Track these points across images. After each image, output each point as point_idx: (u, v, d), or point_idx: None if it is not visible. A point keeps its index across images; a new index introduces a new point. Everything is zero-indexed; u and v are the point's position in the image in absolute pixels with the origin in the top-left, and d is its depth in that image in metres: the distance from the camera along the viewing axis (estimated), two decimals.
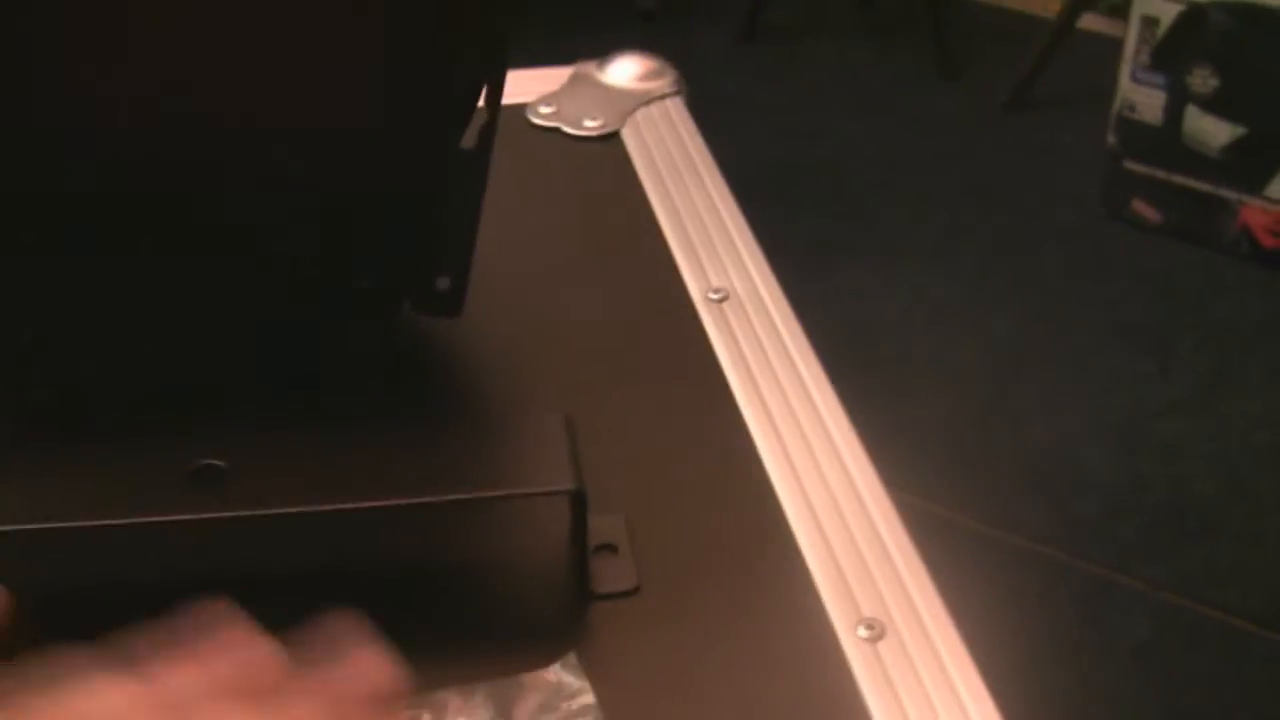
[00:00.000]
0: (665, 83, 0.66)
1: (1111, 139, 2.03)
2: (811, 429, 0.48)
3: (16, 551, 0.39)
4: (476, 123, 0.43)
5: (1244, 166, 1.92)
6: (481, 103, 0.43)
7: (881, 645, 0.41)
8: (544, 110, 0.64)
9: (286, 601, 0.33)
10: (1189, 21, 1.89)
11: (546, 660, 0.39)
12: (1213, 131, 1.93)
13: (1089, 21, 2.29)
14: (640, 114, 0.65)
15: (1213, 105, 1.91)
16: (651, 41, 0.69)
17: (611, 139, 0.63)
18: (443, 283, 0.45)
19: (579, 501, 0.40)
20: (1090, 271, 1.96)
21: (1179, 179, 1.98)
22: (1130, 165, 2.02)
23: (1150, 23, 1.93)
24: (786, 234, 1.92)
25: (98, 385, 0.45)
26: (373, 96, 0.41)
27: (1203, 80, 1.91)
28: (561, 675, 0.39)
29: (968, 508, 1.52)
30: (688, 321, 0.53)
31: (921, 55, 2.39)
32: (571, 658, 0.39)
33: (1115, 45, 2.13)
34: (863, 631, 0.42)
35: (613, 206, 0.58)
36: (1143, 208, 2.02)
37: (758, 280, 0.55)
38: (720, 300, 0.54)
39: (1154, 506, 1.58)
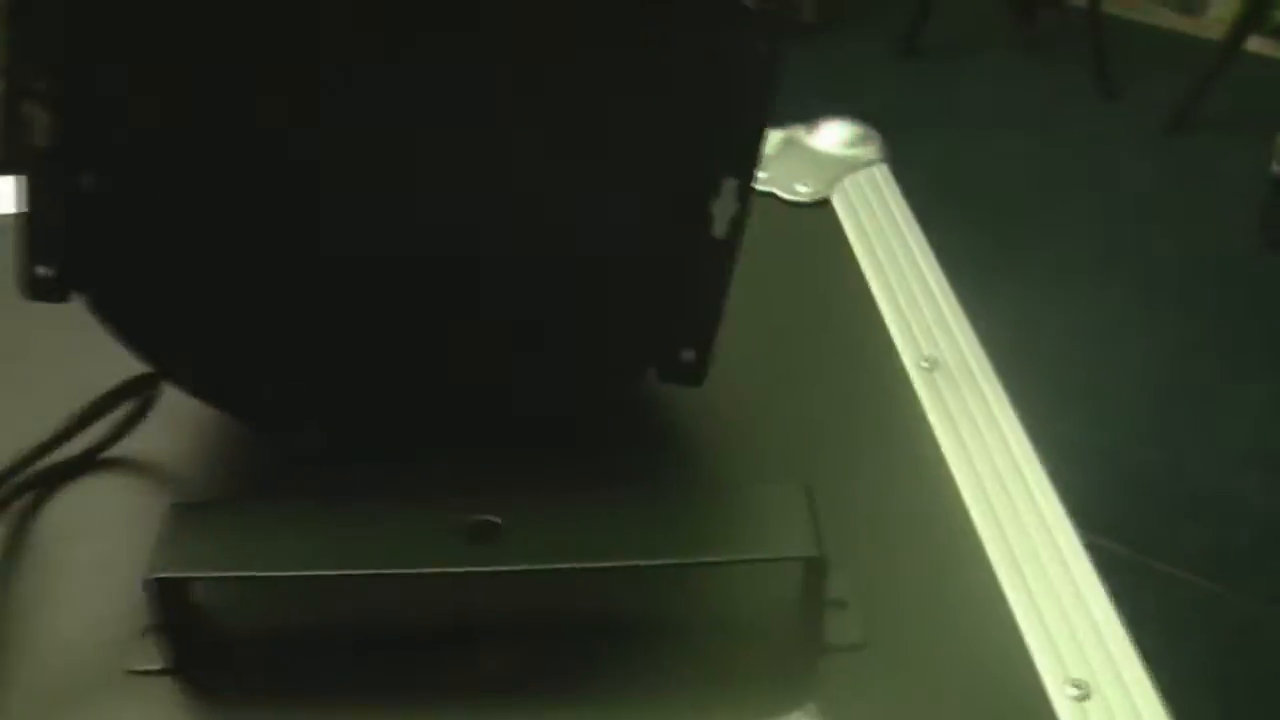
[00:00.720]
0: (872, 150, 0.71)
1: (1275, 167, 2.02)
2: (1018, 495, 0.52)
3: (304, 595, 0.45)
4: (728, 212, 0.48)
5: None
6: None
7: (1089, 704, 0.46)
8: (759, 174, 0.69)
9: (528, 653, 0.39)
10: None
11: (784, 711, 0.44)
12: None
13: (1254, 44, 2.28)
14: (849, 180, 0.69)
15: None
16: (812, 54, 0.73)
17: (823, 205, 0.68)
18: (688, 355, 0.50)
19: (820, 566, 0.45)
20: (1248, 300, 1.96)
21: None
22: None
23: None
24: (942, 252, 1.94)
25: (362, 440, 0.51)
26: (641, 203, 0.47)
27: None
28: None
29: (1121, 534, 1.54)
30: (901, 388, 0.57)
31: (1082, 74, 2.39)
32: (812, 707, 0.44)
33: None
34: (1071, 691, 0.46)
35: (826, 273, 0.63)
36: None
37: (965, 349, 0.59)
38: (930, 369, 0.58)
39: None
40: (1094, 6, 2.34)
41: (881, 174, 0.70)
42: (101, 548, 0.49)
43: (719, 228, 0.48)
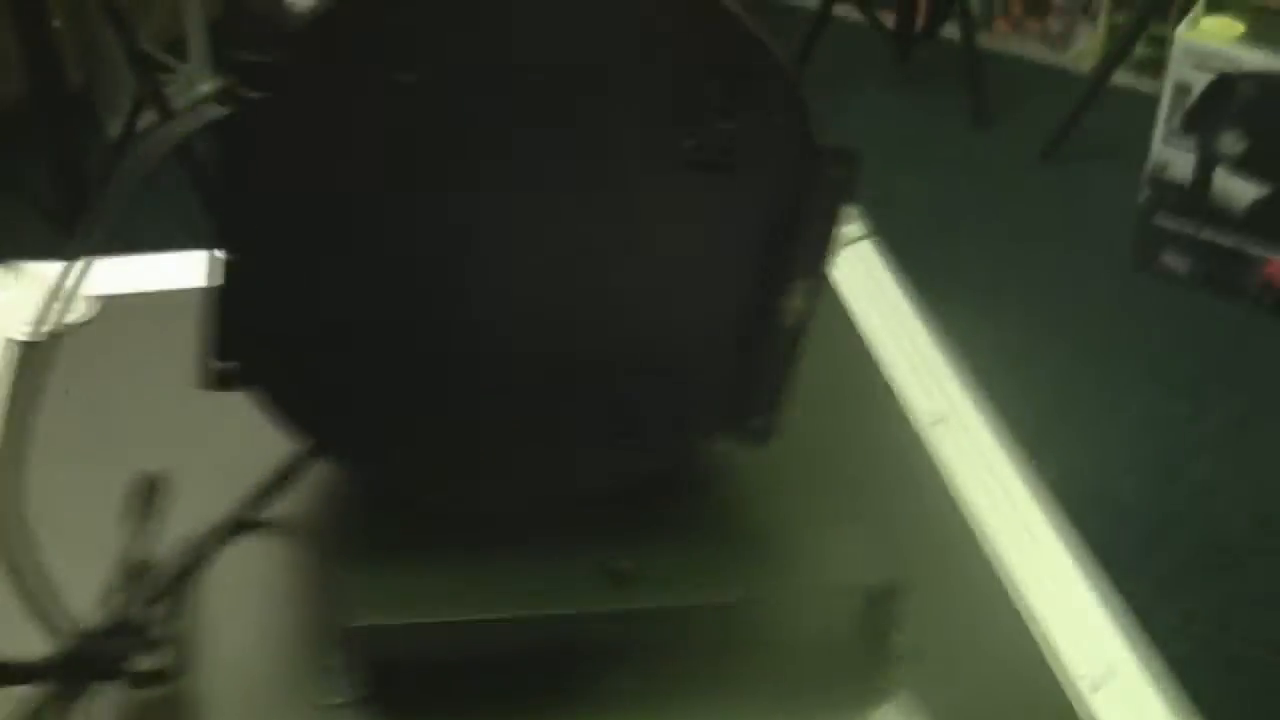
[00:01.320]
0: (860, 226, 0.82)
1: (1143, 194, 2.19)
2: (1042, 537, 0.64)
3: (454, 638, 0.54)
4: (794, 307, 0.59)
5: (1269, 223, 2.08)
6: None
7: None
8: None
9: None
10: (1218, 90, 2.05)
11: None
12: (1240, 190, 2.09)
13: (1120, 77, 2.44)
14: (841, 256, 0.80)
15: (1240, 166, 2.07)
16: None
17: None
18: (759, 422, 0.61)
19: (894, 593, 0.56)
20: (1122, 320, 2.12)
21: (1207, 234, 2.14)
22: (1161, 221, 2.17)
23: (1182, 90, 2.09)
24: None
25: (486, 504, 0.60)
26: (727, 302, 0.57)
27: (1231, 143, 2.07)
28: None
29: None
30: (911, 443, 0.68)
31: (957, 105, 2.54)
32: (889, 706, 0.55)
33: (1144, 100, 2.29)
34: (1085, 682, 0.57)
35: (831, 345, 0.74)
36: (1172, 261, 2.18)
37: (969, 404, 0.71)
38: (936, 423, 0.70)
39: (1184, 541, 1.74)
40: (968, 40, 2.49)
41: (869, 250, 0.81)
42: (270, 597, 0.58)
43: (789, 320, 0.58)
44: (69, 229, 1.76)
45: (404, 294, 0.55)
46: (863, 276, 0.79)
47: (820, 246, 0.57)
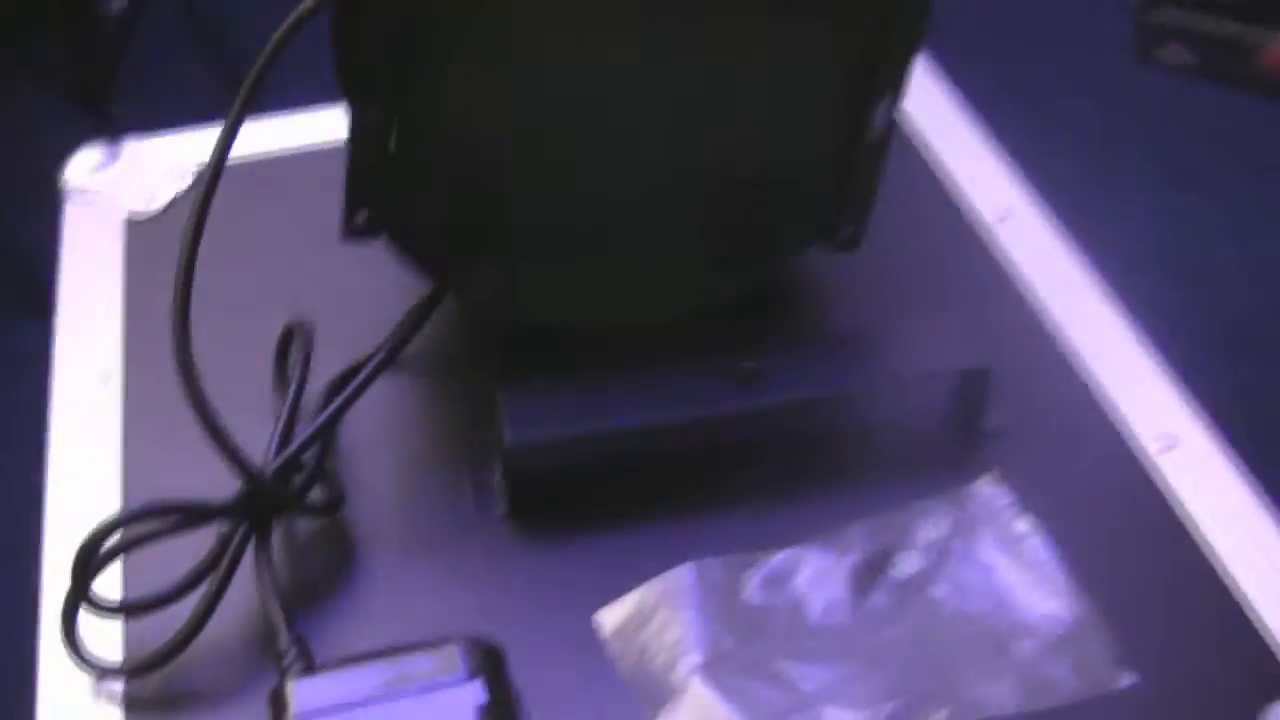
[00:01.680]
0: None
1: None
2: (1100, 315, 0.69)
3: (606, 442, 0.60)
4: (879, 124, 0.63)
5: (1264, 10, 2.10)
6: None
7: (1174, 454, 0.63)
8: None
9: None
10: None
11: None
12: None
13: None
14: None
15: None
16: None
17: None
18: (847, 231, 0.66)
19: (987, 377, 0.61)
20: (1126, 114, 2.15)
21: (1205, 25, 2.16)
22: (1158, 16, 2.20)
23: None
24: None
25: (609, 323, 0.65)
26: (822, 117, 0.61)
27: None
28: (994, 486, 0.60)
29: None
30: (981, 242, 0.73)
31: None
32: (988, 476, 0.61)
33: None
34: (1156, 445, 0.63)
35: (893, 158, 0.78)
36: (1172, 54, 2.21)
37: (1025, 203, 0.76)
38: (1001, 220, 0.74)
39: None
40: None
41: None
42: (419, 426, 0.64)
43: (873, 134, 0.63)
44: (93, 105, 1.79)
45: (530, 132, 0.59)
46: (913, 88, 0.83)
47: (901, 68, 0.61)
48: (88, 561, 0.52)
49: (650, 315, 0.65)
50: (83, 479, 0.62)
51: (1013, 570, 0.57)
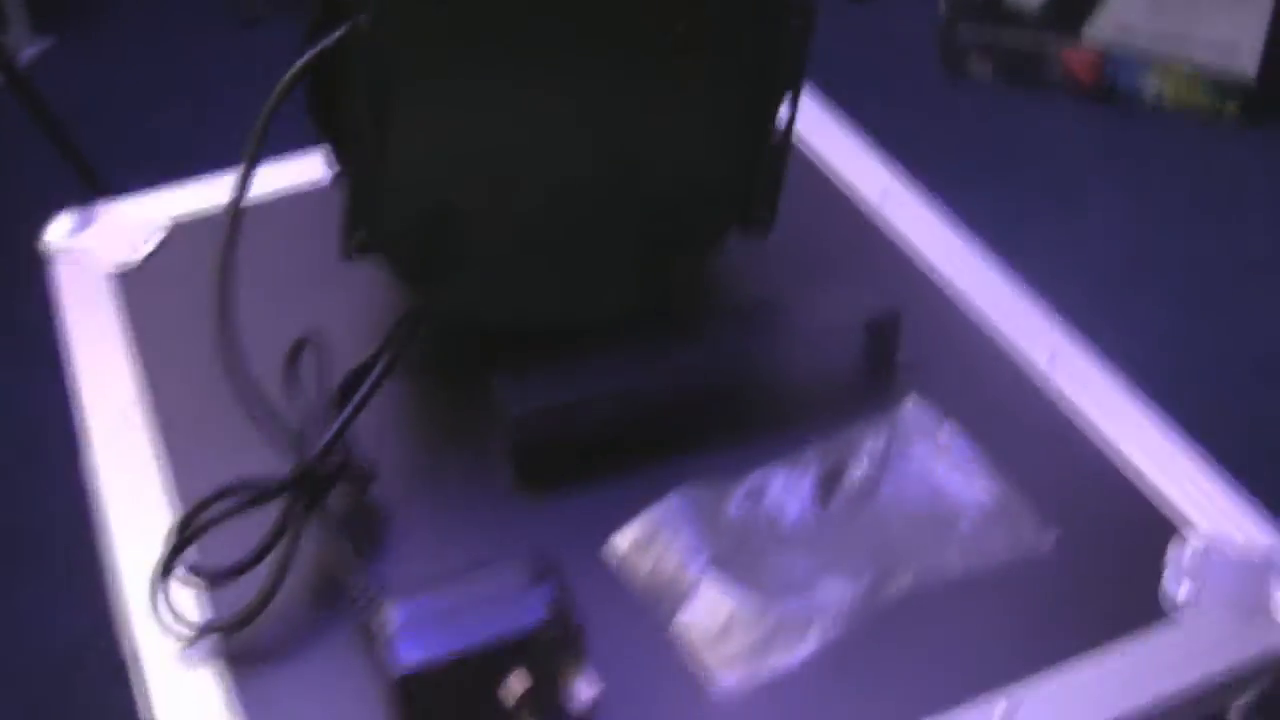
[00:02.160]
0: None
1: (943, 10, 2.39)
2: (971, 263, 0.82)
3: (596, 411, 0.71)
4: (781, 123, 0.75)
5: (1059, 19, 2.31)
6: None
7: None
8: None
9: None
10: None
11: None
12: None
13: None
14: None
15: None
16: None
17: None
18: (760, 217, 0.77)
19: (893, 320, 0.74)
20: (941, 129, 2.33)
21: (1007, 38, 2.36)
22: (963, 32, 2.39)
23: None
24: None
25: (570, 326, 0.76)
26: (736, 123, 0.73)
27: None
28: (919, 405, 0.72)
29: None
30: (868, 220, 0.86)
31: None
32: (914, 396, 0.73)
33: None
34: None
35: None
36: (978, 68, 2.40)
37: (898, 185, 0.89)
38: (883, 201, 0.87)
39: None
40: None
41: None
42: (430, 411, 0.74)
43: (777, 136, 0.75)
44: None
45: (498, 160, 0.70)
46: None
47: (795, 74, 0.74)
48: (183, 535, 0.61)
49: (600, 314, 0.76)
50: (131, 489, 0.71)
51: (943, 467, 0.69)
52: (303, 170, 0.93)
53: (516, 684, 0.57)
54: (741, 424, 0.73)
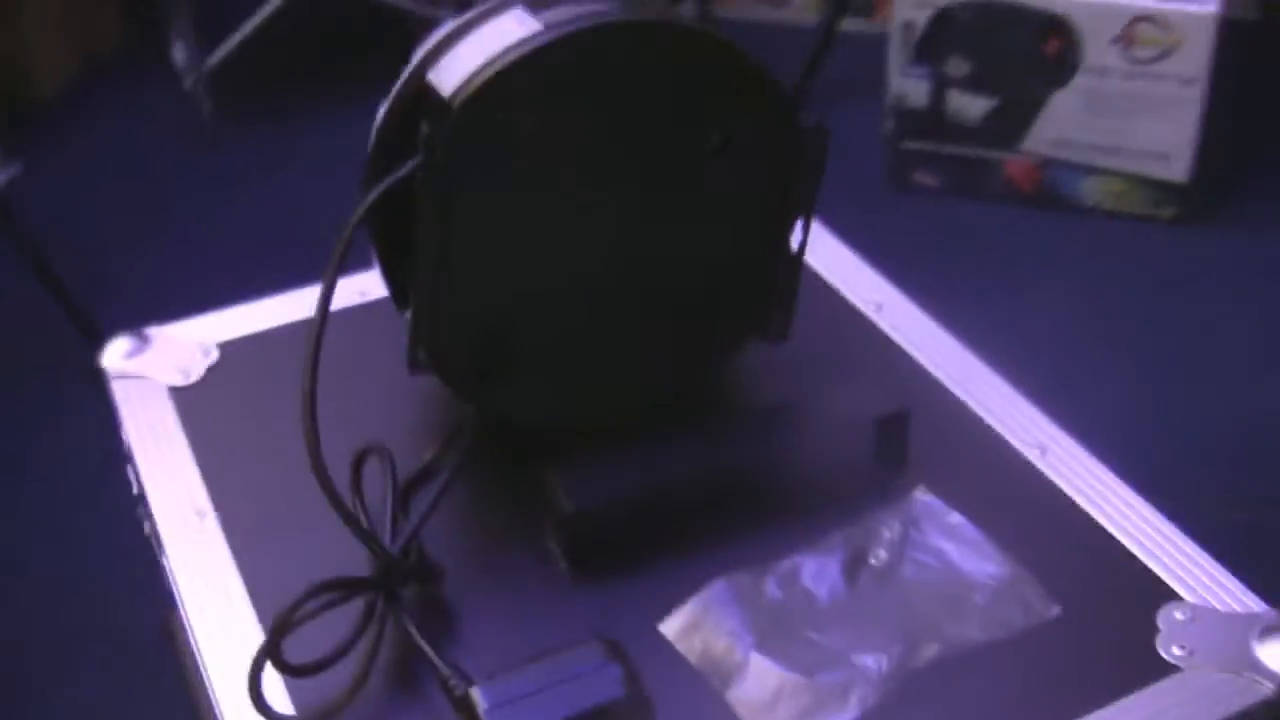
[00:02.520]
0: None
1: (888, 124, 2.51)
2: (969, 363, 0.90)
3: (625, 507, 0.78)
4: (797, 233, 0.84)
5: (1000, 130, 2.43)
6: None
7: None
8: None
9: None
10: (940, 22, 2.39)
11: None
12: (972, 106, 2.43)
13: (845, 24, 2.76)
14: None
15: (969, 85, 2.42)
16: None
17: None
18: (777, 326, 0.86)
19: (902, 415, 0.82)
20: (888, 236, 2.44)
21: (950, 149, 2.48)
22: (907, 144, 2.51)
23: (909, 26, 2.42)
24: None
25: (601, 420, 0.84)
26: (758, 240, 0.82)
27: (958, 66, 2.41)
28: (926, 496, 0.80)
29: None
30: (869, 324, 0.94)
31: None
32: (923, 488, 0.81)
33: (873, 40, 2.61)
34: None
35: None
36: (923, 177, 2.52)
37: (893, 293, 0.97)
38: (878, 310, 0.96)
39: None
40: (706, 10, 2.79)
41: None
42: (490, 512, 0.81)
43: (792, 249, 0.83)
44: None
45: (546, 277, 0.78)
46: None
47: (810, 194, 0.82)
48: (281, 630, 0.68)
49: (634, 412, 0.84)
50: (209, 590, 0.77)
51: (956, 549, 0.77)
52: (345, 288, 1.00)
53: None
54: (769, 512, 0.80)
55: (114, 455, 0.92)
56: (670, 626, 0.74)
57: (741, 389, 0.89)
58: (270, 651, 0.68)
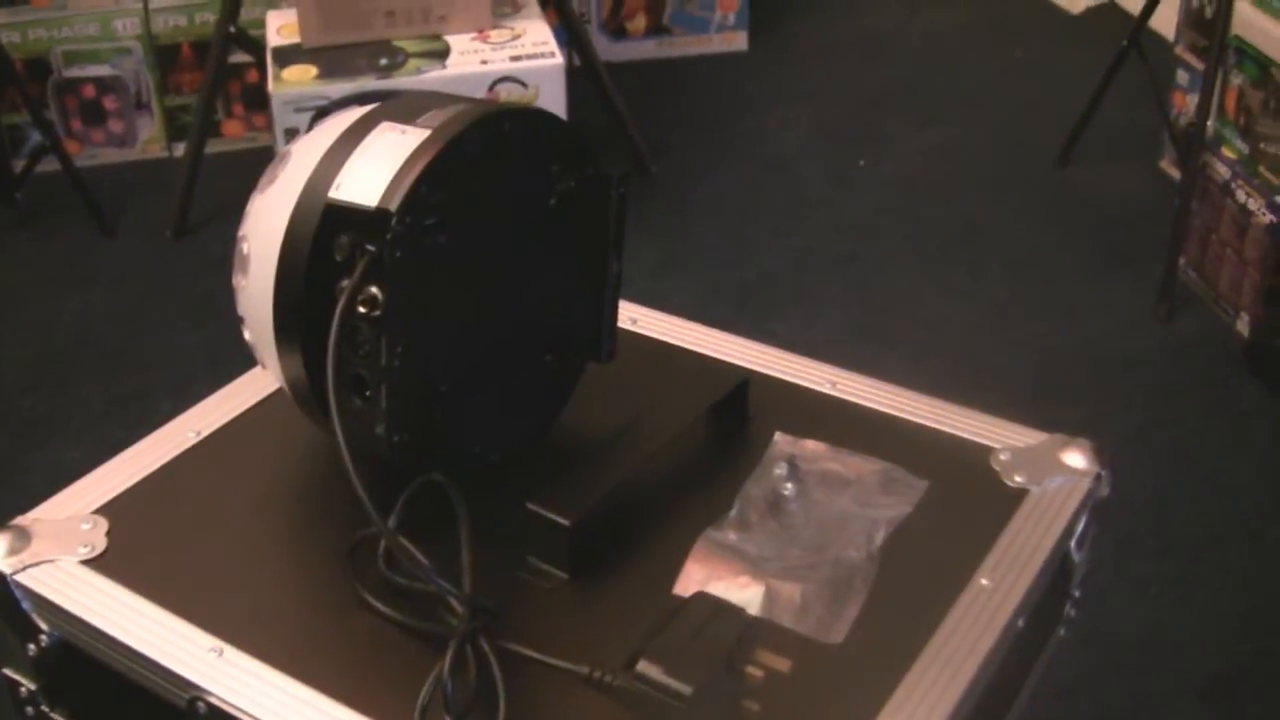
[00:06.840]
0: None
1: None
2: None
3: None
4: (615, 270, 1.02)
5: None
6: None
7: None
8: None
9: None
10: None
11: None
12: None
13: (210, 145, 2.84)
14: None
15: None
16: None
17: None
18: (607, 348, 1.04)
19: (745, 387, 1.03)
20: None
21: None
22: None
23: (292, 131, 2.56)
24: None
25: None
26: (584, 275, 1.00)
27: None
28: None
29: None
30: None
31: (79, 226, 2.76)
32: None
33: (249, 154, 2.69)
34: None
35: None
36: None
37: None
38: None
39: None
40: (67, 167, 2.76)
41: None
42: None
43: (613, 280, 1.02)
44: None
45: (463, 344, 0.92)
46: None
47: (621, 229, 1.02)
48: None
49: (517, 443, 1.00)
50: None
51: (833, 464, 1.00)
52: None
53: None
54: (693, 479, 0.99)
55: None
56: (683, 586, 0.90)
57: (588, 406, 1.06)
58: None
